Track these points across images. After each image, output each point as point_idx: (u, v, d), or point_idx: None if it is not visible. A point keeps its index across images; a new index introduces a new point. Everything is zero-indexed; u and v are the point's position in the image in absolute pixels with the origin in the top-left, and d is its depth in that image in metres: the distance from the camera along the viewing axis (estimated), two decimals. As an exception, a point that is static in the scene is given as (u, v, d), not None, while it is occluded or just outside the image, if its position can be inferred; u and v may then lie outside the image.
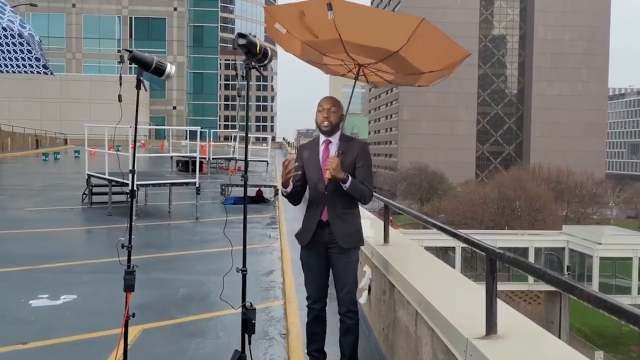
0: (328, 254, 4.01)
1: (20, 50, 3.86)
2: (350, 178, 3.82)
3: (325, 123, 3.97)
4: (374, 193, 4.16)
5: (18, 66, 3.93)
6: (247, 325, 3.65)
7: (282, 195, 4.09)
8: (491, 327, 2.69)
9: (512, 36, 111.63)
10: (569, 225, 51.18)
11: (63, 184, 18.41)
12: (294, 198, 4.10)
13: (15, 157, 31.98)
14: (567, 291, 2.14)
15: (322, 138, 4.05)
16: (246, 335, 3.69)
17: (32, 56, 3.89)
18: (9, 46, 3.85)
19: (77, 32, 63.89)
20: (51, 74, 4.05)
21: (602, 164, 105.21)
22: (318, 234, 3.96)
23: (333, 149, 3.99)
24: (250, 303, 3.72)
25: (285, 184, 3.96)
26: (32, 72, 3.96)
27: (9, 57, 3.91)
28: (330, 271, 4.10)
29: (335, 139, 4.01)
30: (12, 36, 3.81)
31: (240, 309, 3.72)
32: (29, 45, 3.83)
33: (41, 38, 4.06)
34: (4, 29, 3.75)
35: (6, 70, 3.97)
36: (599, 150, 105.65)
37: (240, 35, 3.50)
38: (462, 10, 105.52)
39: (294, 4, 3.94)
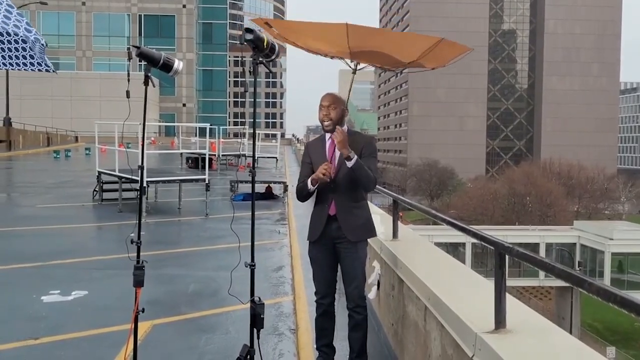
0: (336, 249, 4.01)
1: (23, 57, 3.91)
2: (355, 156, 3.79)
3: (326, 122, 3.96)
4: (382, 188, 4.15)
5: (18, 65, 3.97)
6: (256, 320, 3.66)
7: (307, 188, 3.94)
8: (500, 321, 2.67)
9: (523, 30, 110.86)
10: (580, 220, 50.86)
11: (74, 181, 18.52)
12: (308, 196, 4.06)
13: (26, 154, 32.20)
14: (576, 285, 2.13)
15: (328, 134, 4.05)
16: (255, 330, 3.70)
17: (34, 61, 3.93)
18: (14, 51, 3.90)
19: (87, 30, 64.20)
20: (54, 71, 4.07)
21: (614, 159, 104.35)
22: (326, 228, 3.97)
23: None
24: (259, 298, 3.72)
25: (314, 182, 3.90)
26: (32, 70, 4.00)
27: (11, 55, 3.95)
28: (339, 266, 4.10)
29: None
30: (16, 42, 3.85)
31: (249, 304, 3.73)
32: (32, 51, 3.87)
33: (51, 37, 4.11)
34: (9, 34, 3.79)
35: (11, 68, 4.00)
36: (611, 145, 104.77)
37: (248, 30, 3.49)
38: (472, 4, 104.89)
39: (302, 23, 3.99)
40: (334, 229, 3.96)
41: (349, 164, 3.79)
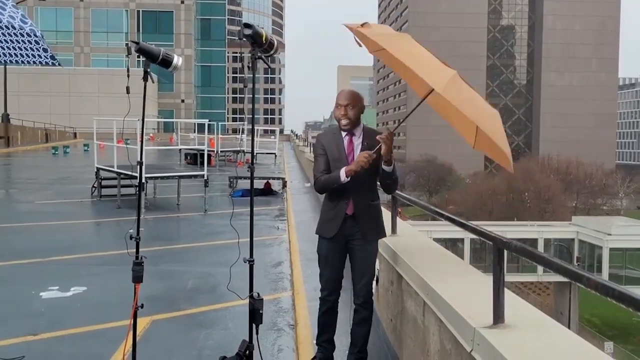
0: (348, 246, 3.99)
1: (29, 42, 3.87)
2: (394, 162, 3.79)
3: (344, 121, 3.88)
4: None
5: (27, 55, 3.93)
6: (255, 315, 3.66)
7: (340, 181, 3.75)
8: (498, 316, 2.68)
9: (521, 26, 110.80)
10: (579, 216, 50.92)
11: (73, 177, 18.51)
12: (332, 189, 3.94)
13: (25, 151, 32.17)
14: (575, 280, 2.14)
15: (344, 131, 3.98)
16: (254, 326, 3.70)
17: (39, 47, 3.89)
18: (14, 37, 3.86)
19: (85, 26, 64.06)
20: (59, 65, 4.05)
21: (612, 155, 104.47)
22: (341, 226, 3.93)
23: (357, 141, 3.93)
24: (258, 293, 3.72)
25: (350, 174, 3.73)
26: (40, 62, 3.96)
27: (16, 47, 3.92)
28: (346, 263, 4.09)
29: (358, 132, 3.95)
30: (13, 27, 3.82)
31: (247, 300, 3.73)
32: (36, 37, 3.83)
33: (49, 33, 4.07)
34: (7, 27, 3.77)
35: (15, 61, 3.97)
36: (609, 140, 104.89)
37: (246, 25, 3.48)
38: (471, 0, 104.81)
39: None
40: (348, 227, 3.93)
41: (388, 168, 3.77)
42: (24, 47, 3.89)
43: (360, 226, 3.91)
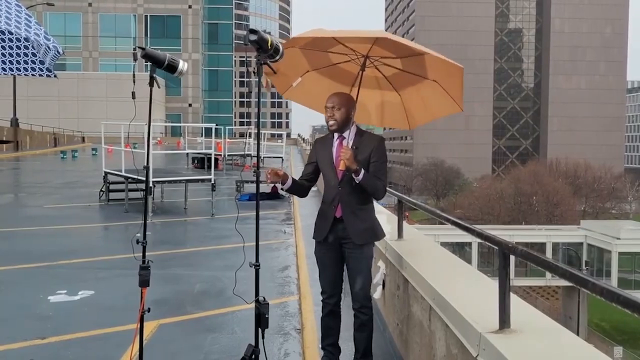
0: (342, 249, 4.01)
1: (25, 54, 3.93)
2: (363, 171, 3.80)
3: (331, 122, 3.94)
4: (388, 188, 4.14)
5: (20, 69, 4.00)
6: (261, 319, 3.67)
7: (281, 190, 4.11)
8: (504, 321, 2.67)
9: (529, 29, 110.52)
10: (587, 220, 50.67)
11: (81, 181, 18.60)
12: (298, 192, 4.10)
13: (34, 155, 32.35)
14: (579, 285, 2.13)
15: (336, 134, 4.04)
16: (260, 330, 3.71)
17: (36, 59, 3.95)
18: (17, 49, 3.93)
19: (94, 31, 64.44)
20: (54, 76, 4.09)
21: (621, 158, 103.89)
22: (332, 229, 3.96)
23: (348, 145, 3.97)
24: (264, 297, 3.72)
25: (281, 182, 3.96)
26: (33, 75, 4.02)
27: (16, 60, 3.97)
28: (345, 266, 4.10)
29: (350, 134, 3.97)
30: (18, 39, 3.88)
31: (253, 304, 3.74)
32: (34, 49, 3.89)
33: (58, 38, 4.13)
34: (27, 39, 3.84)
35: (11, 74, 4.03)
36: (618, 144, 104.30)
37: (252, 31, 3.49)
38: (478, 3, 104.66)
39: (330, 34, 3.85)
40: (340, 230, 3.95)
41: (357, 179, 3.79)
42: (20, 60, 3.95)
43: (349, 229, 3.92)
